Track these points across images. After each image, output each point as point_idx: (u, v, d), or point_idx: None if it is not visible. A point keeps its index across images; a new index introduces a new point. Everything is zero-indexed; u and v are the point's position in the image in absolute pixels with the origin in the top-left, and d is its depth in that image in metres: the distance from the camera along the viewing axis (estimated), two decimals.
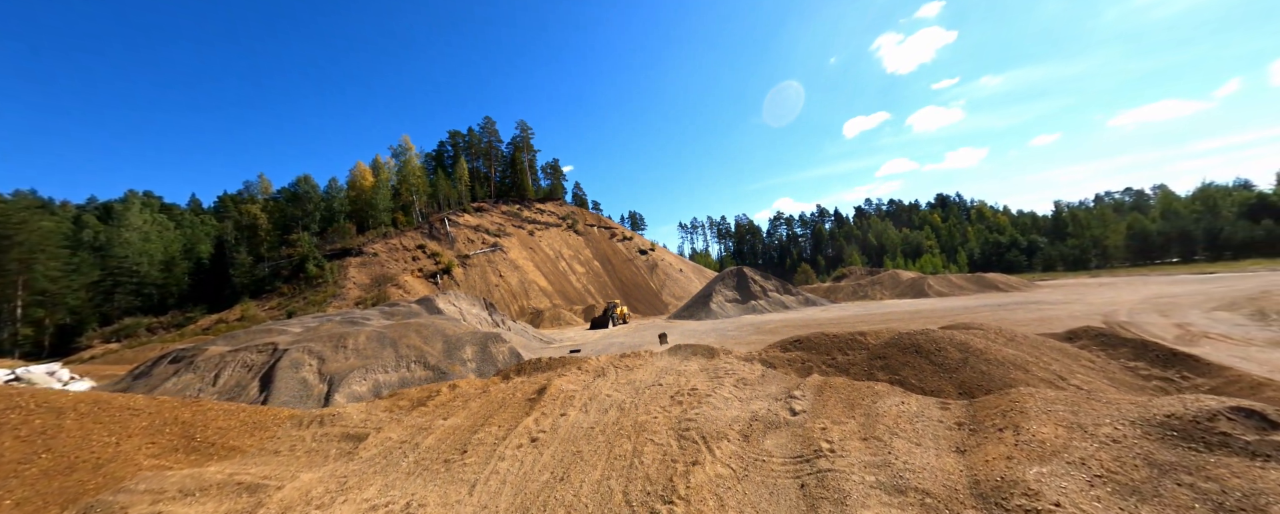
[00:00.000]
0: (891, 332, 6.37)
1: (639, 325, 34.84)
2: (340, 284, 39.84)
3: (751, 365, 5.80)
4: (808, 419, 3.74)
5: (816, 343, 6.51)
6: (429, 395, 6.34)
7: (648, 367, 6.14)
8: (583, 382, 5.69)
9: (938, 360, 5.19)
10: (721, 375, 5.38)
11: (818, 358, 6.09)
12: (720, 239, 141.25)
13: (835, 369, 5.68)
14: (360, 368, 14.14)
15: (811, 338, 6.70)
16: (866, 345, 6.05)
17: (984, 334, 6.10)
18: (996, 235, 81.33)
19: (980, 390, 4.58)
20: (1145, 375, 5.32)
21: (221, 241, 41.72)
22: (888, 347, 5.80)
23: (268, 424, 6.13)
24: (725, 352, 6.51)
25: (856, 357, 5.78)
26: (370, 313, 19.89)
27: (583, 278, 61.82)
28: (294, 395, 12.64)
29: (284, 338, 15.27)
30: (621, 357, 6.91)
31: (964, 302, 29.05)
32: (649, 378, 5.65)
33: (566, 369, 6.54)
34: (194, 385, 12.79)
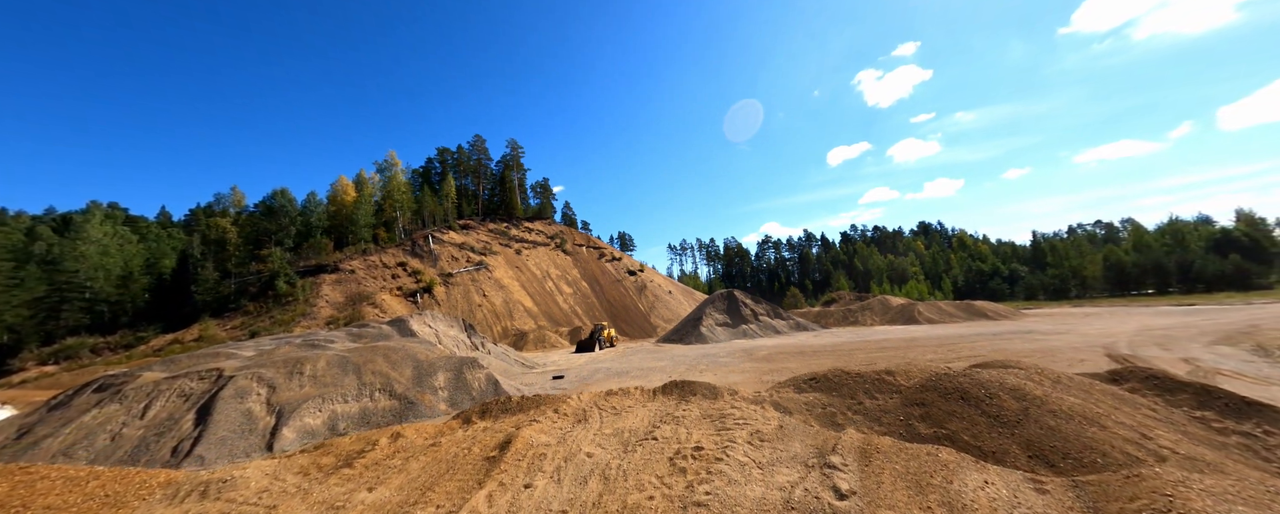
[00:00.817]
0: (924, 371, 5.56)
1: (627, 348, 33.50)
2: (311, 302, 37.75)
3: (763, 410, 4.91)
4: (863, 508, 2.85)
5: (837, 383, 5.65)
6: (363, 449, 5.22)
7: (639, 410, 5.19)
8: (558, 431, 4.71)
9: (991, 410, 4.34)
10: (730, 425, 4.47)
11: (841, 402, 5.22)
12: (709, 261, 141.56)
13: (865, 418, 4.80)
14: (316, 397, 12.69)
15: (831, 376, 5.82)
16: (898, 387, 5.21)
17: (1025, 374, 5.35)
18: (979, 263, 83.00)
19: (1055, 454, 3.75)
20: (1219, 429, 4.58)
21: (185, 256, 39.47)
22: (926, 391, 4.97)
23: (127, 499, 4.79)
24: (730, 392, 5.60)
25: (888, 402, 4.93)
26: (336, 334, 18.38)
27: (570, 298, 60.30)
28: (234, 429, 11.12)
29: (232, 363, 13.75)
30: (607, 395, 5.92)
31: (957, 330, 28.69)
32: (641, 426, 4.71)
33: (541, 411, 5.53)
34: (117, 419, 11.19)
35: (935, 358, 16.47)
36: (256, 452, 10.70)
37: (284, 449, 10.91)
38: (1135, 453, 3.54)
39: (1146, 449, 3.74)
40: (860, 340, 25.86)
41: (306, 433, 11.65)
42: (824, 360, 18.17)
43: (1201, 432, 4.39)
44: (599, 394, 6.09)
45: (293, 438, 11.33)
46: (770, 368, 17.02)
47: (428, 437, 5.33)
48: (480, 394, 14.72)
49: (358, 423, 12.47)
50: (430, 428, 5.67)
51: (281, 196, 44.91)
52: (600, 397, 5.95)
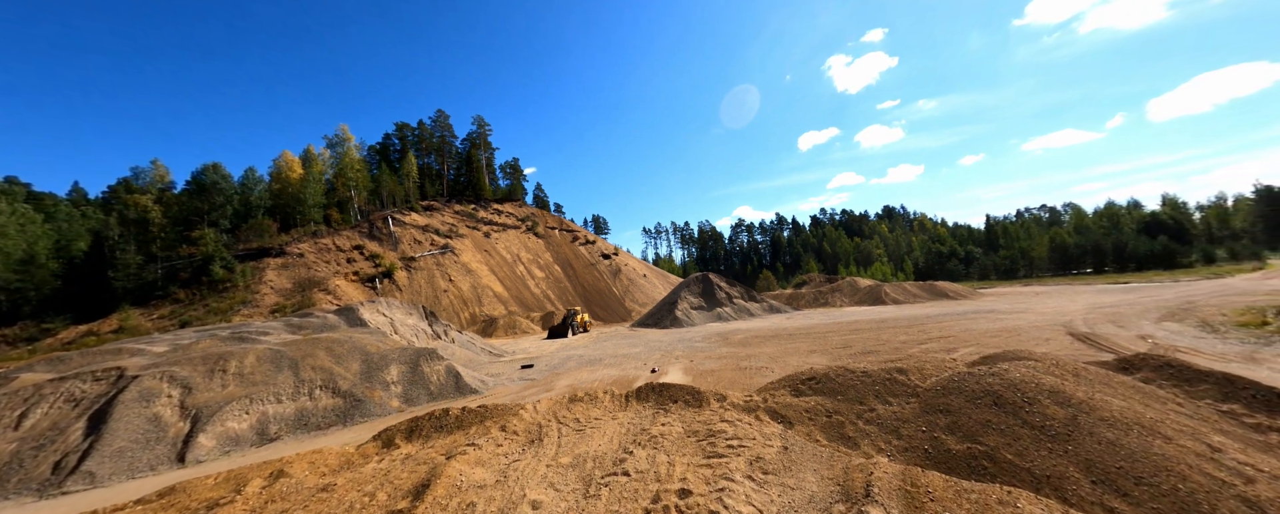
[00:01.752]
0: (939, 367, 4.90)
1: (601, 334, 32.72)
2: (253, 289, 34.53)
3: (760, 424, 4.11)
4: None
5: (841, 384, 4.86)
6: (222, 497, 3.96)
7: (607, 426, 4.28)
8: (501, 462, 3.73)
9: (1033, 420, 3.66)
10: (722, 448, 3.62)
11: (849, 408, 4.47)
12: (684, 245, 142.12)
13: (879, 428, 4.03)
14: (243, 398, 11.13)
15: (833, 376, 5.03)
16: (914, 389, 4.50)
17: (1041, 367, 4.82)
18: (939, 245, 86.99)
19: (1124, 477, 3.08)
20: (1254, 425, 4.21)
21: (99, 237, 34.96)
22: (948, 394, 4.25)
23: None
24: (717, 398, 4.76)
25: (905, 408, 4.21)
26: (272, 325, 16.46)
27: (542, 283, 58.65)
28: (136, 439, 9.51)
29: (137, 361, 11.86)
30: (571, 403, 4.98)
31: (924, 310, 29.53)
32: (609, 450, 3.80)
33: (484, 429, 4.47)
34: None
35: (907, 339, 16.54)
36: (165, 464, 9.19)
37: (200, 459, 9.45)
38: (1215, 472, 2.99)
39: (1224, 466, 3.21)
40: (832, 322, 26.10)
41: (229, 439, 10.17)
42: (800, 344, 17.96)
43: (1239, 430, 4.01)
44: (561, 401, 5.11)
45: (211, 446, 9.85)
46: (748, 353, 16.61)
47: (323, 472, 4.20)
48: (439, 388, 13.51)
49: (294, 425, 11.05)
50: (334, 456, 4.47)
51: (213, 172, 40.36)
52: (562, 404, 4.98)
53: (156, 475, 8.76)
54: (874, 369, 4.93)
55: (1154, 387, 4.77)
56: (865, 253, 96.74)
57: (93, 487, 8.31)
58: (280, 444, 10.25)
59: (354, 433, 10.59)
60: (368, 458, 4.55)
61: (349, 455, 4.56)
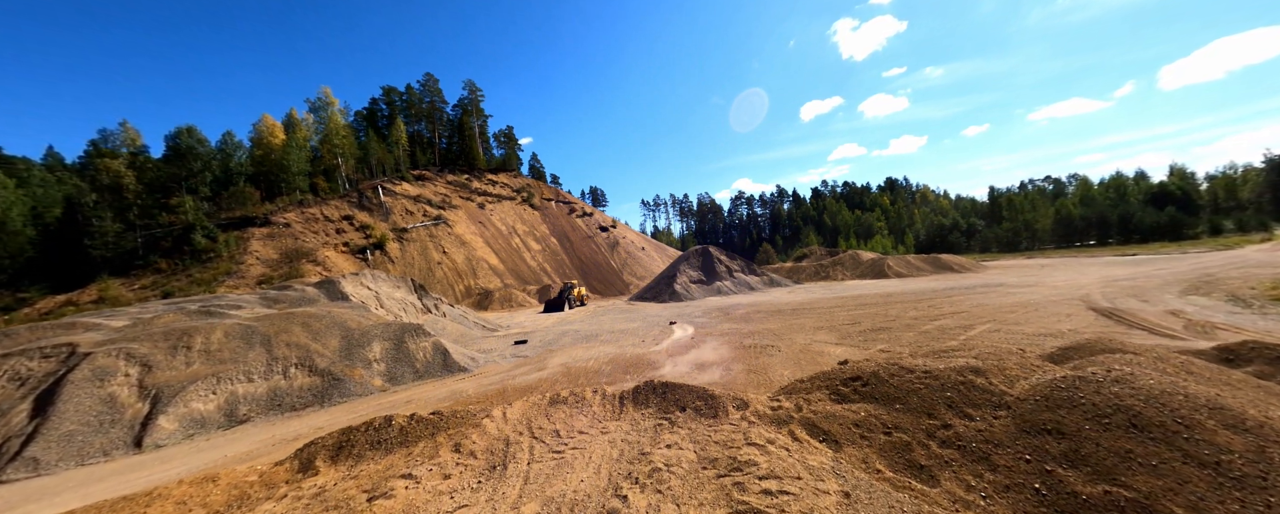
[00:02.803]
0: (1026, 365, 3.75)
1: (598, 307, 32.08)
2: (238, 260, 33.41)
3: (800, 447, 3.07)
4: None
5: (899, 388, 3.67)
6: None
7: (593, 445, 3.30)
8: (443, 506, 2.75)
9: (1202, 454, 2.53)
10: (753, 493, 2.53)
11: (913, 422, 3.42)
12: (682, 217, 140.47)
13: (962, 454, 2.92)
14: (209, 377, 10.29)
15: (885, 376, 3.86)
16: (1000, 398, 3.35)
17: (1142, 361, 3.95)
18: (941, 218, 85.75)
19: None
20: None
21: (73, 204, 33.34)
22: (1057, 407, 3.06)
23: None
24: (736, 404, 3.74)
25: (994, 426, 3.09)
26: (246, 299, 15.49)
27: (538, 255, 57.65)
28: (87, 421, 8.70)
29: (92, 336, 10.93)
30: (550, 406, 4.04)
31: (929, 283, 28.81)
32: (593, 489, 2.80)
33: (434, 445, 3.48)
34: None
35: (919, 315, 15.77)
36: (119, 448, 8.42)
37: (160, 443, 8.68)
38: None
39: None
40: (836, 296, 25.37)
41: (194, 422, 9.39)
42: (804, 320, 17.20)
43: None
44: (539, 404, 4.16)
45: (173, 429, 9.07)
46: (750, 329, 15.84)
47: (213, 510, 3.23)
48: (426, 366, 12.73)
49: (266, 406, 10.28)
50: (224, 488, 3.30)
51: (188, 135, 38.16)
52: (539, 409, 4.05)
53: (110, 461, 8.03)
54: (938, 366, 3.84)
55: (1252, 377, 3.91)
56: (866, 225, 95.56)
57: (36, 474, 7.56)
58: (250, 426, 9.52)
59: (331, 414, 9.85)
60: (271, 488, 3.64)
61: (246, 486, 3.64)
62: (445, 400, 9.64)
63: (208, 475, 3.97)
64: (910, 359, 4.15)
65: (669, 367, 10.81)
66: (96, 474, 7.40)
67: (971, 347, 10.53)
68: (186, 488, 3.79)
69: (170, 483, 3.88)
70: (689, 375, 9.84)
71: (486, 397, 9.45)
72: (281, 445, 7.93)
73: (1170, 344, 9.75)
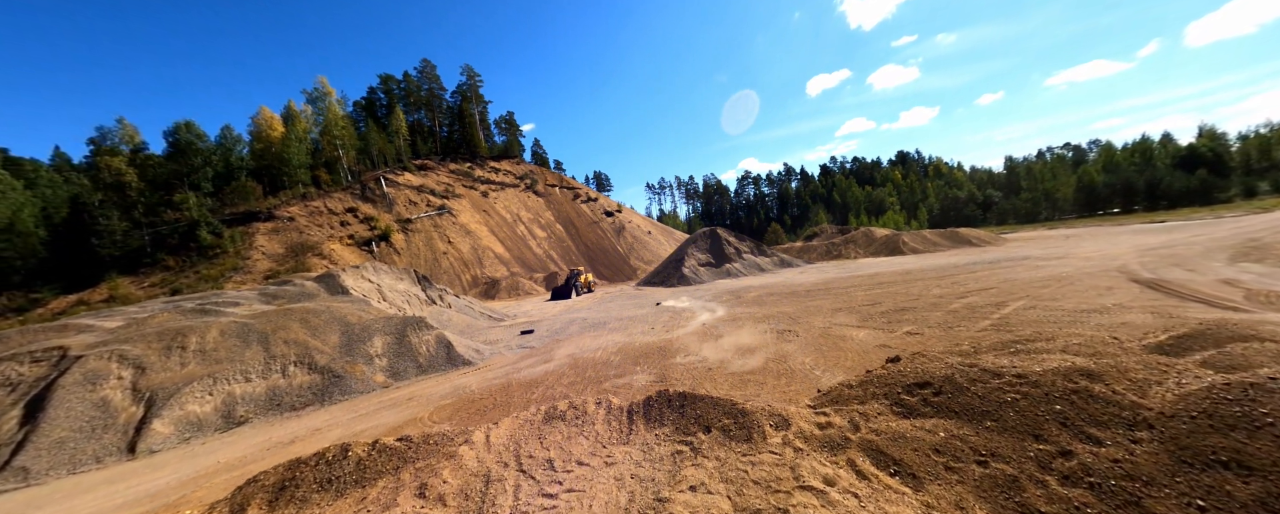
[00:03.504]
0: (1154, 367, 2.89)
1: (606, 294, 31.60)
2: (244, 255, 33.35)
3: (870, 487, 2.28)
4: None
5: (984, 400, 2.96)
6: None
7: (595, 483, 2.52)
8: None
9: None
10: None
11: (1013, 446, 2.46)
12: (688, 200, 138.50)
13: (1103, 499, 2.07)
14: (205, 377, 9.92)
15: (960, 382, 2.82)
16: (1136, 413, 2.42)
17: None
18: (955, 190, 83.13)
19: None
20: None
21: (78, 203, 33.34)
22: (1229, 429, 2.06)
23: None
24: (773, 421, 2.89)
25: (1138, 455, 2.17)
26: (245, 295, 15.15)
27: (544, 243, 57.16)
28: (79, 427, 8.38)
29: (84, 339, 10.60)
30: (545, 423, 3.37)
31: (948, 258, 27.70)
32: None
33: (395, 485, 2.69)
34: None
35: (944, 293, 14.91)
36: (112, 455, 8.09)
37: (154, 448, 8.34)
38: None
39: None
40: (851, 276, 24.46)
41: (190, 425, 9.05)
42: (821, 301, 16.43)
43: None
44: (530, 424, 3.44)
45: (169, 433, 8.73)
46: (764, 313, 15.14)
47: None
48: (429, 360, 12.30)
49: (265, 406, 9.92)
50: None
51: (186, 130, 37.70)
52: (530, 430, 3.35)
53: (102, 468, 7.72)
54: (1033, 368, 2.89)
55: None
56: (877, 201, 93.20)
57: (26, 484, 7.27)
58: (249, 428, 9.17)
59: (331, 413, 9.47)
60: None
61: None
62: (448, 397, 9.18)
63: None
64: (992, 357, 3.34)
65: (680, 357, 10.20)
66: (85, 484, 7.08)
67: (1008, 325, 9.76)
68: None
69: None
70: (702, 365, 9.22)
71: (490, 392, 8.95)
72: (276, 450, 7.53)
73: (1175, 308, 8.83)
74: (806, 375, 7.80)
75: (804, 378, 7.70)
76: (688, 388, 7.74)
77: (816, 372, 7.96)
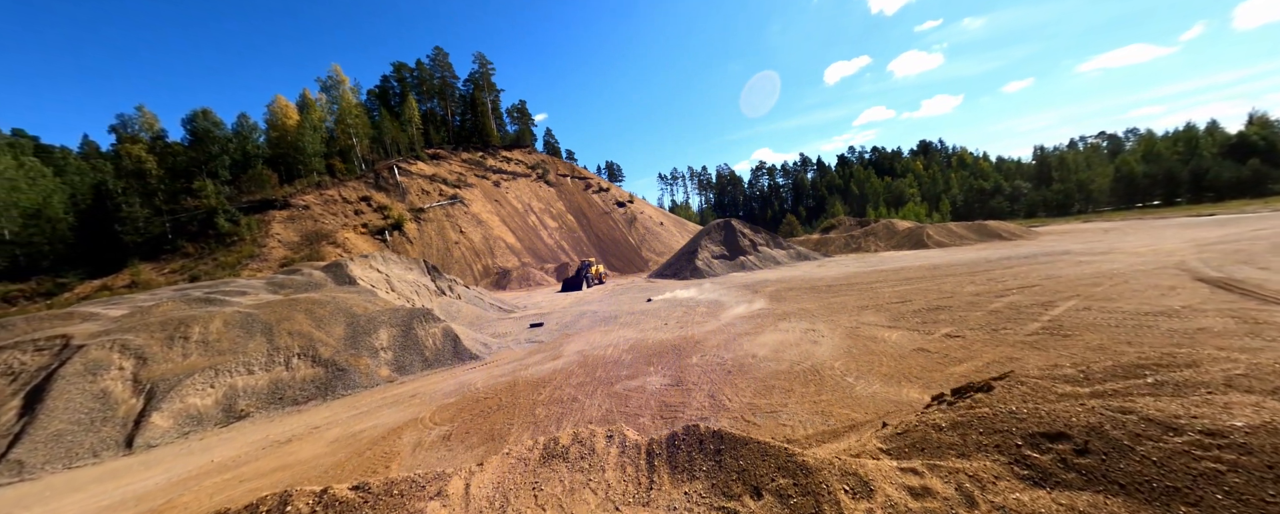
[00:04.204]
0: None
1: (617, 286, 31.05)
2: (261, 243, 33.69)
3: None
4: None
5: (1163, 469, 2.01)
6: None
7: None
8: None
9: None
10: None
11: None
12: (701, 191, 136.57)
13: None
14: (207, 369, 9.65)
15: (1119, 439, 2.14)
16: None
17: None
18: (980, 181, 79.85)
19: None
20: None
21: (102, 190, 34.01)
22: None
23: None
24: (850, 484, 2.01)
25: None
26: (252, 284, 14.97)
27: (555, 233, 56.79)
28: (78, 419, 8.15)
29: (88, 327, 10.43)
30: (542, 464, 2.66)
31: (978, 253, 26.29)
32: None
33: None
34: None
35: (980, 290, 13.88)
36: (110, 449, 7.84)
37: (152, 443, 8.08)
38: None
39: None
40: (874, 270, 23.36)
41: (189, 418, 8.77)
42: (844, 297, 15.54)
43: None
44: (522, 466, 2.69)
45: (167, 427, 8.47)
46: (784, 310, 14.35)
47: None
48: (435, 354, 11.89)
49: (267, 400, 9.62)
50: None
51: (204, 118, 38.04)
52: (523, 473, 2.63)
53: (98, 464, 7.47)
54: (1231, 423, 2.00)
55: None
56: (897, 193, 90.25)
57: (20, 478, 7.04)
58: (249, 423, 8.87)
59: (332, 409, 9.11)
60: None
61: None
62: (452, 395, 8.71)
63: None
64: (1152, 403, 2.36)
65: (696, 357, 9.54)
66: (78, 480, 6.81)
67: (1062, 328, 8.81)
68: None
69: None
70: (720, 367, 8.54)
71: (495, 392, 8.44)
72: (272, 449, 7.17)
73: (1257, 311, 7.75)
74: (839, 383, 7.07)
75: (836, 386, 6.98)
76: (706, 393, 7.09)
77: (849, 379, 7.22)
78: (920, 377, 7.00)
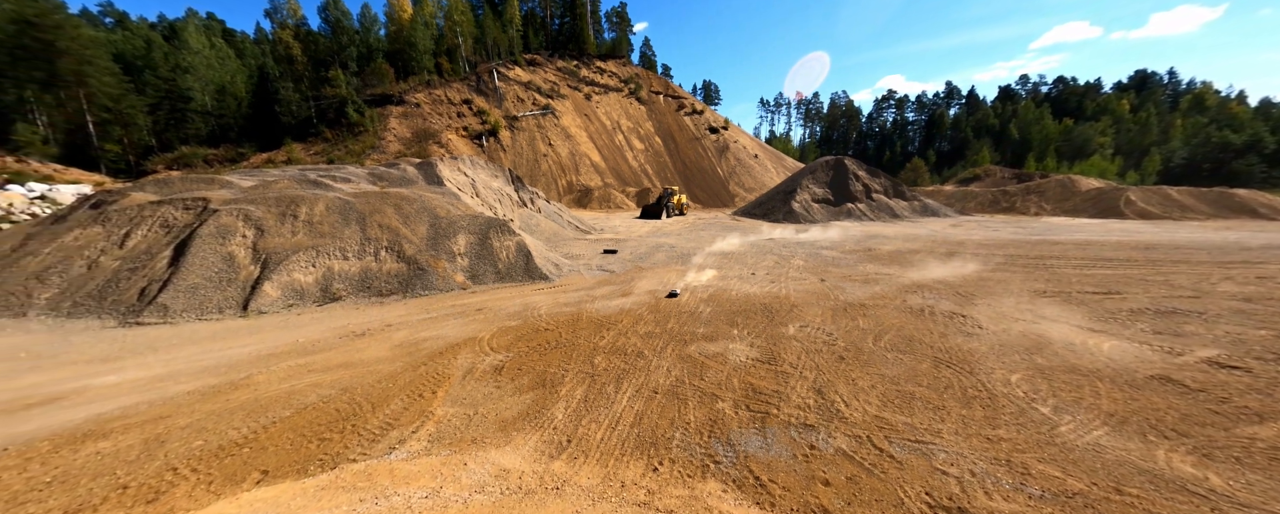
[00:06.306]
0: None
1: (698, 219, 28.87)
2: (380, 135, 36.82)
3: None
4: None
5: None
6: None
7: None
8: None
9: None
10: None
11: None
12: (806, 122, 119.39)
13: None
14: (309, 248, 10.20)
15: None
16: None
17: None
18: (1227, 134, 57.07)
19: None
20: None
21: (264, 74, 38.91)
22: None
23: None
24: None
25: None
26: (356, 172, 15.79)
27: (640, 155, 54.38)
28: (210, 276, 9.11)
29: (222, 193, 11.56)
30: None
31: (1216, 234, 18.73)
32: None
33: None
34: (97, 243, 9.70)
35: (1247, 292, 9.35)
36: (231, 309, 8.69)
37: (263, 309, 8.80)
38: None
39: None
40: (1040, 239, 17.95)
41: (294, 292, 9.43)
42: (1004, 274, 11.88)
43: None
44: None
45: (276, 296, 9.17)
46: (911, 279, 11.36)
47: None
48: (508, 267, 11.52)
49: (358, 286, 10.05)
50: None
51: (335, 8, 40.19)
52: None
53: (221, 320, 8.36)
54: None
55: None
56: (1081, 140, 69.02)
57: (164, 321, 8.11)
58: (340, 306, 9.36)
59: (408, 307, 9.20)
60: None
61: None
62: (514, 318, 8.11)
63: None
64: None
65: (793, 327, 7.62)
66: (198, 333, 7.60)
67: None
68: None
69: None
70: (828, 348, 6.59)
71: (557, 324, 7.59)
72: (346, 339, 7.24)
73: None
74: (1025, 413, 4.78)
75: (1020, 415, 4.71)
76: (810, 385, 5.32)
77: (1042, 408, 4.86)
78: (1184, 432, 4.39)
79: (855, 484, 3.62)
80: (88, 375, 5.89)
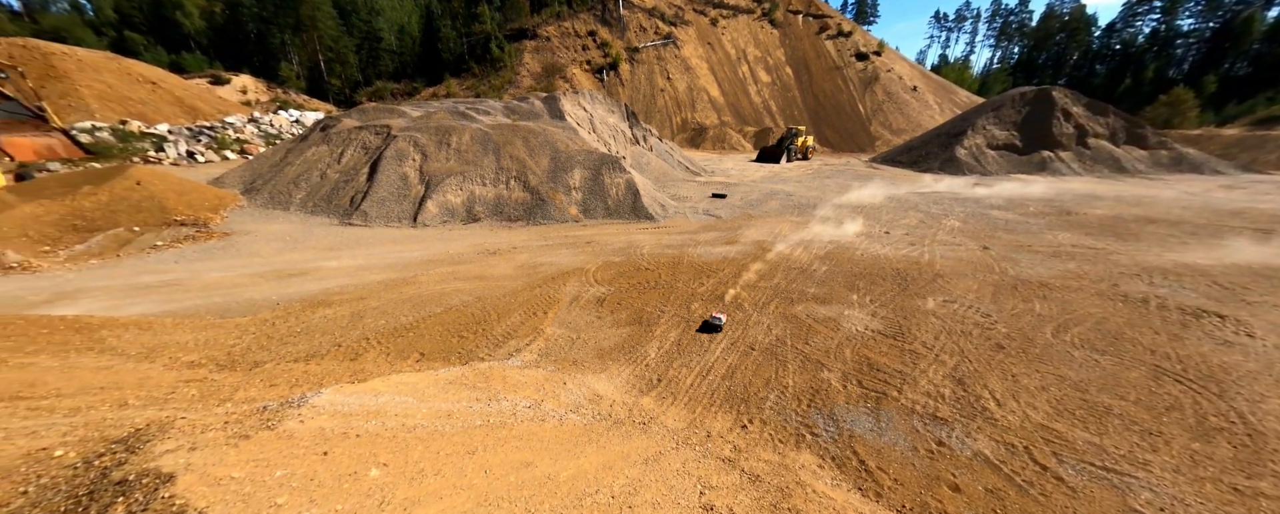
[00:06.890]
0: None
1: (825, 165, 25.43)
2: (515, 70, 39.45)
3: None
4: None
5: None
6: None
7: None
8: None
9: None
10: None
11: None
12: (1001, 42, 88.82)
13: None
14: (458, 173, 11.89)
15: None
16: None
17: None
18: None
19: None
20: None
21: (429, 13, 43.80)
22: None
23: None
24: None
25: None
26: (494, 105, 17.28)
27: (765, 90, 48.70)
28: (392, 192, 11.34)
29: (399, 122, 13.84)
30: None
31: None
32: None
33: None
34: (324, 159, 12.67)
35: None
36: (405, 220, 10.80)
37: (426, 223, 10.74)
38: None
39: None
40: None
41: (447, 210, 11.25)
42: None
43: None
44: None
45: (435, 212, 11.07)
46: (1136, 262, 8.56)
47: None
48: (616, 205, 11.89)
49: (492, 210, 11.52)
50: None
51: None
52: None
53: (398, 228, 10.49)
54: None
55: None
56: None
57: (366, 225, 10.49)
58: (479, 226, 10.90)
59: (530, 233, 10.28)
60: None
61: None
62: (618, 254, 8.46)
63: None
64: None
65: (933, 300, 6.44)
66: (383, 237, 9.67)
67: None
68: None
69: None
70: (985, 337, 5.44)
71: (658, 266, 7.70)
72: (482, 257, 8.47)
73: None
74: None
75: None
76: (947, 371, 4.52)
77: None
78: None
79: (998, 499, 3.06)
80: (320, 259, 8.05)
